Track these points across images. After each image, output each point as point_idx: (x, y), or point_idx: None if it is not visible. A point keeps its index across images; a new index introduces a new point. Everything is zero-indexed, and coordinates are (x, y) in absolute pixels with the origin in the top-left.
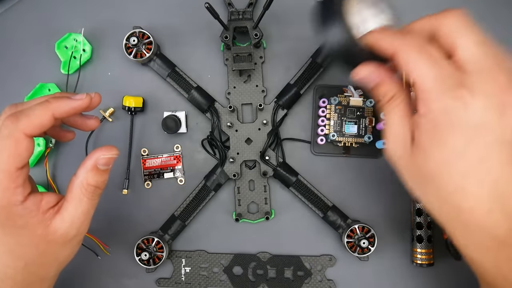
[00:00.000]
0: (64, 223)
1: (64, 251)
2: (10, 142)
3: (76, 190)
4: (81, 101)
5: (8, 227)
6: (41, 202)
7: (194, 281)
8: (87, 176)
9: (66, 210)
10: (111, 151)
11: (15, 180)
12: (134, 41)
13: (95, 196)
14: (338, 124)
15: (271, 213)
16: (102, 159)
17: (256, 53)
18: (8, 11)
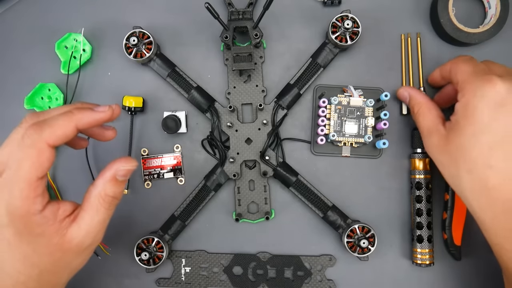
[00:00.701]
0: (80, 232)
1: (77, 259)
2: (33, 151)
3: (93, 200)
4: (104, 113)
5: (25, 235)
6: (58, 211)
7: (194, 281)
8: (105, 187)
9: (82, 219)
10: (130, 163)
11: (35, 189)
12: (134, 41)
13: (112, 206)
14: (338, 124)
15: (271, 213)
16: (121, 170)
17: (256, 53)
18: (8, 11)
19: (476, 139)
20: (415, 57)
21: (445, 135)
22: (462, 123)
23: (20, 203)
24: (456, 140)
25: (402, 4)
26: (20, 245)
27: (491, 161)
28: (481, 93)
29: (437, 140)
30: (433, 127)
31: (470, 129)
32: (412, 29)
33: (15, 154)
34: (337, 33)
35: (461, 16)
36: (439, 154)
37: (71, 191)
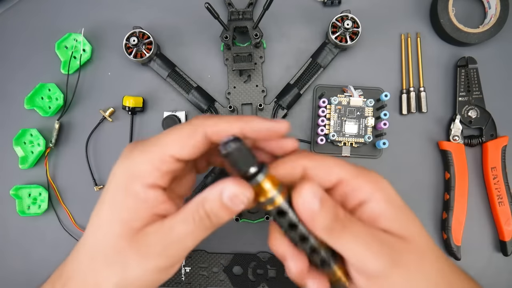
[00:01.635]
0: (157, 231)
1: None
2: (186, 129)
3: (190, 205)
4: (279, 125)
5: (118, 198)
6: (162, 204)
7: (194, 281)
8: (207, 197)
9: (169, 221)
10: (242, 188)
11: (162, 163)
12: (134, 41)
13: (202, 225)
14: (338, 124)
15: None
16: (228, 190)
17: (256, 53)
18: (9, 11)
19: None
20: (415, 57)
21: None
22: (401, 218)
23: (139, 162)
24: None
25: (402, 4)
26: (106, 204)
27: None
28: (385, 182)
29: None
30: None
31: (415, 221)
32: (412, 29)
33: (177, 126)
34: (337, 33)
35: (461, 16)
36: None
37: (71, 191)
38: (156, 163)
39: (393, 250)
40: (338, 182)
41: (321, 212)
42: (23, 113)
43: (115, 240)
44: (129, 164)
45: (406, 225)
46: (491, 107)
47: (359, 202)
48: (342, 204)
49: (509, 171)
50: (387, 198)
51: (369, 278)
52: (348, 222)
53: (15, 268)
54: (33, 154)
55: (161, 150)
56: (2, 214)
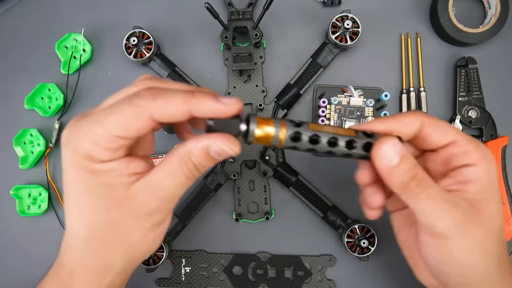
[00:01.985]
0: (147, 188)
1: (135, 230)
2: (129, 111)
3: (175, 158)
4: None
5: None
6: (129, 163)
7: (194, 281)
8: (193, 150)
9: (154, 174)
10: (230, 144)
11: (109, 142)
12: (134, 41)
13: (189, 175)
14: (338, 124)
15: (271, 213)
16: (217, 146)
17: (256, 53)
18: (9, 11)
19: (501, 211)
20: (415, 57)
21: (472, 208)
22: (490, 192)
23: (87, 144)
24: (493, 212)
25: (402, 4)
26: (78, 191)
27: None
28: (493, 159)
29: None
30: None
31: (499, 203)
32: (412, 29)
33: (114, 103)
34: (337, 33)
35: (461, 16)
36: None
37: None
38: (104, 143)
39: (464, 217)
40: (451, 142)
41: (398, 168)
42: (23, 113)
43: (103, 217)
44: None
45: (489, 199)
46: (491, 107)
47: (464, 164)
48: (446, 162)
49: (509, 171)
50: (488, 170)
51: (436, 237)
52: (425, 181)
53: (15, 268)
54: (33, 154)
55: (106, 131)
56: (2, 214)
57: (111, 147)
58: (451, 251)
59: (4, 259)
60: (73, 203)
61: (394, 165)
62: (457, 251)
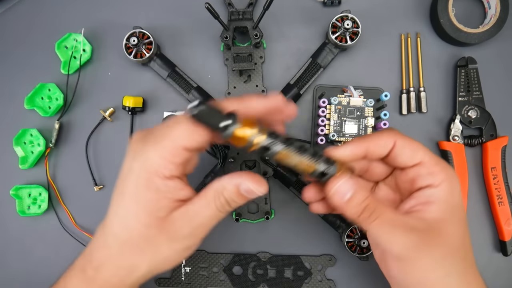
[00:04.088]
0: (184, 217)
1: (166, 249)
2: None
3: (210, 191)
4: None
5: (140, 192)
6: (181, 190)
7: (194, 281)
8: (226, 186)
9: (193, 205)
10: (258, 185)
11: (175, 155)
12: (134, 41)
13: (223, 209)
14: (338, 124)
15: (271, 213)
16: (246, 185)
17: (256, 53)
18: (9, 11)
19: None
20: (415, 57)
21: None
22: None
23: (155, 159)
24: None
25: (402, 4)
26: (130, 199)
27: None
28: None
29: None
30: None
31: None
32: (412, 29)
33: (179, 117)
34: (337, 33)
35: (461, 16)
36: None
37: (71, 191)
38: (170, 157)
39: (421, 238)
40: (418, 163)
41: (351, 202)
42: (23, 113)
43: (144, 230)
44: (146, 159)
45: (450, 219)
46: (491, 107)
47: (427, 185)
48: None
49: (509, 171)
50: (451, 191)
51: (394, 259)
52: (378, 210)
53: (15, 268)
54: (33, 154)
55: (173, 144)
56: (2, 214)
57: (176, 161)
58: (409, 270)
59: (4, 259)
60: (122, 209)
61: (347, 200)
62: (415, 270)
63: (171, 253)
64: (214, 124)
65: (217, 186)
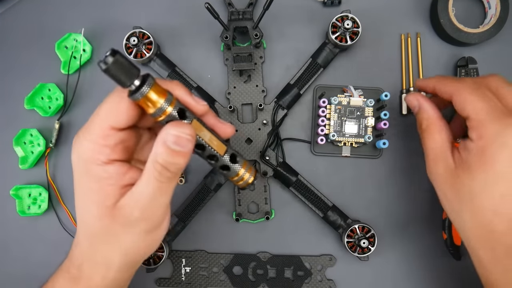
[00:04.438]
0: (130, 200)
1: (127, 237)
2: (115, 98)
3: (148, 166)
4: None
5: (83, 183)
6: (125, 175)
7: (194, 281)
8: (156, 151)
9: (136, 187)
10: (181, 128)
11: (105, 138)
12: (134, 41)
13: (163, 177)
14: (338, 124)
15: (271, 213)
16: (170, 135)
17: (256, 53)
18: (8, 11)
19: (488, 187)
20: (415, 57)
21: (453, 169)
22: (475, 167)
23: (86, 145)
24: (466, 181)
25: (402, 4)
26: (78, 194)
27: (499, 209)
28: (502, 141)
29: (443, 171)
30: (440, 153)
31: (484, 176)
32: (412, 29)
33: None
34: (337, 33)
35: (461, 16)
36: (443, 186)
37: (71, 191)
38: (101, 140)
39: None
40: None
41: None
42: (23, 113)
43: (98, 222)
44: (79, 149)
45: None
46: None
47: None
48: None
49: None
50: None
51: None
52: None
53: (15, 268)
54: (33, 154)
55: (100, 126)
56: (2, 214)
57: (109, 143)
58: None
59: (4, 259)
60: (77, 205)
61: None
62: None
63: (134, 239)
64: (126, 81)
65: (151, 156)
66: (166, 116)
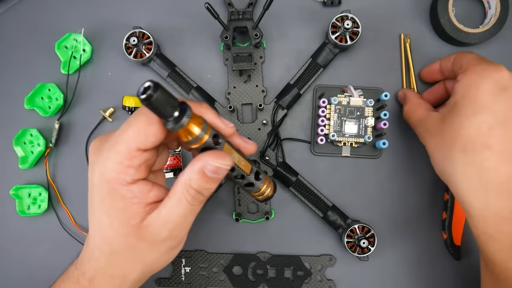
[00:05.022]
0: (158, 220)
1: (151, 254)
2: (143, 119)
3: (178, 187)
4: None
5: (107, 203)
6: (149, 193)
7: (194, 281)
8: (191, 177)
9: (164, 207)
10: (221, 160)
11: (131, 159)
12: (134, 41)
13: (196, 201)
14: (338, 124)
15: (271, 213)
16: (210, 165)
17: (256, 53)
18: (8, 11)
19: (476, 118)
20: (415, 57)
21: (440, 117)
22: (461, 102)
23: (111, 166)
24: (454, 120)
25: (402, 4)
26: (100, 213)
27: (489, 141)
28: (486, 74)
29: (430, 123)
30: (424, 115)
31: (470, 108)
32: (412, 29)
33: (132, 118)
34: (337, 33)
35: (461, 16)
36: (432, 137)
37: (71, 191)
38: (127, 161)
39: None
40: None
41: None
42: (23, 113)
43: (123, 240)
44: (102, 169)
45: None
46: None
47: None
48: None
49: None
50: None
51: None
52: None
53: (15, 268)
54: (33, 154)
55: (126, 148)
56: (2, 214)
57: (134, 164)
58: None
59: (4, 259)
60: (97, 223)
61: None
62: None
63: (158, 255)
64: (168, 113)
65: (183, 180)
66: (201, 144)
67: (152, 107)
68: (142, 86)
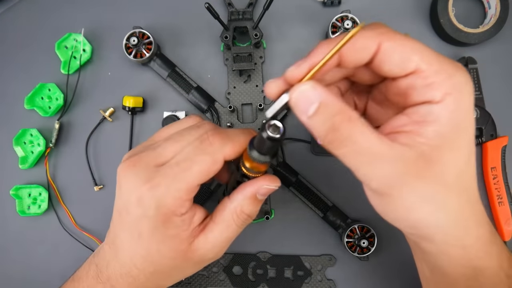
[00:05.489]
0: (205, 245)
1: (193, 269)
2: (209, 160)
3: (227, 214)
4: None
5: (159, 233)
6: (193, 217)
7: (194, 281)
8: (243, 203)
9: (211, 232)
10: (275, 183)
11: (190, 193)
12: (134, 41)
13: (244, 225)
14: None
15: (271, 213)
16: (264, 189)
17: (256, 53)
18: (8, 11)
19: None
20: None
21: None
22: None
23: (171, 201)
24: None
25: (402, 4)
26: (149, 241)
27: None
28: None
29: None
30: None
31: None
32: (412, 29)
33: (188, 154)
34: (337, 33)
35: (461, 16)
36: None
37: (71, 191)
38: (185, 195)
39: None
40: (413, 72)
41: (314, 120)
42: (23, 113)
43: (171, 262)
44: (160, 202)
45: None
46: (491, 107)
47: (425, 101)
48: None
49: (509, 171)
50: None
51: (375, 196)
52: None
53: (15, 268)
54: (33, 154)
55: (188, 185)
56: (2, 214)
57: (191, 198)
58: (391, 208)
59: (4, 259)
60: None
61: (311, 115)
62: (397, 208)
63: (197, 269)
64: (268, 156)
65: (232, 207)
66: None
67: (273, 146)
68: (269, 124)
